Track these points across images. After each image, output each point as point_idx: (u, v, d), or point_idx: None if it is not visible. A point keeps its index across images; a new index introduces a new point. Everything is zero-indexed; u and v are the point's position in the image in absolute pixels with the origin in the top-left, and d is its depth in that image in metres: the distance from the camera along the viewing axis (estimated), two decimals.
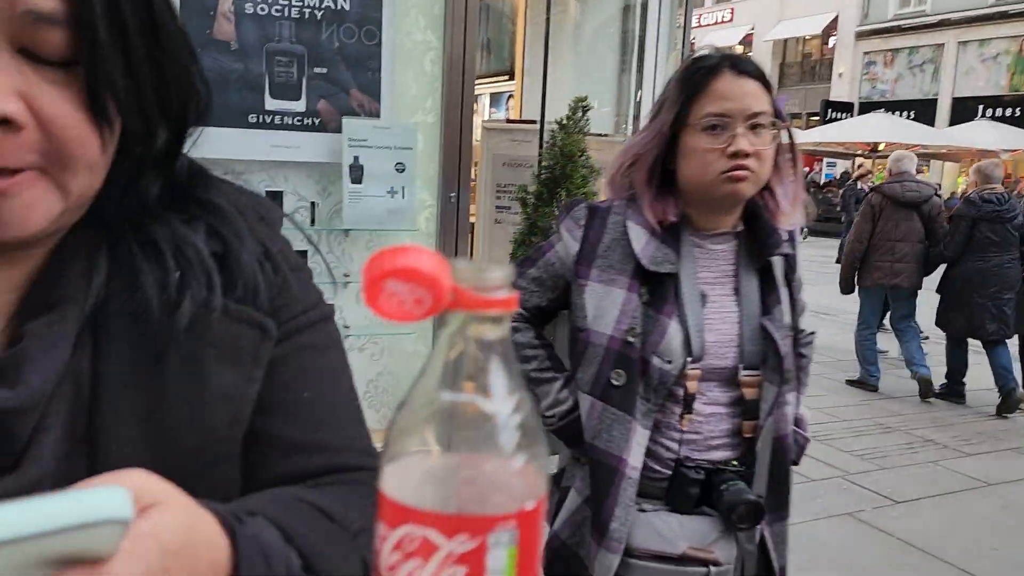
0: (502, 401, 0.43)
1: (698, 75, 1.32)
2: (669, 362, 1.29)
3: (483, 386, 0.43)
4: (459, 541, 0.41)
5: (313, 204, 2.58)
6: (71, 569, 0.30)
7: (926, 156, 15.14)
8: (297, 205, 2.53)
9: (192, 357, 0.58)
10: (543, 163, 3.21)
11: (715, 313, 1.36)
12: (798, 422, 1.44)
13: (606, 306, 1.32)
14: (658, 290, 1.31)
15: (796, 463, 1.44)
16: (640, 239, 1.32)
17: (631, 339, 1.29)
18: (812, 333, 1.46)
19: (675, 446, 1.34)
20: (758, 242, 1.38)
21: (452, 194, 2.69)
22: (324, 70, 2.48)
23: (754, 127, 1.30)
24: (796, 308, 1.43)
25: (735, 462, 1.36)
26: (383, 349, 2.76)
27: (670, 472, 1.34)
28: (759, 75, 1.32)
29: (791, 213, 1.39)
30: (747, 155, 1.28)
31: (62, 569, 0.30)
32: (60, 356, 0.54)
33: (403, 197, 2.60)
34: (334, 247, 2.62)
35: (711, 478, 1.32)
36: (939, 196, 6.10)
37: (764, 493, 1.35)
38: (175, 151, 0.61)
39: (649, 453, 1.33)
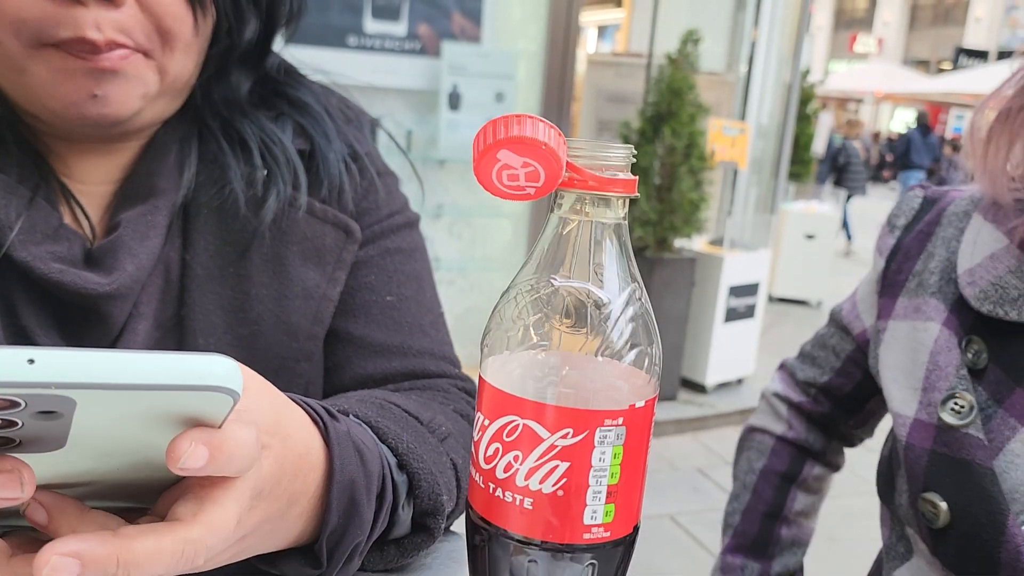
0: (616, 291, 0.40)
1: None
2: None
3: (596, 273, 0.40)
4: (563, 435, 0.38)
5: (409, 132, 2.58)
6: (189, 428, 0.29)
7: None
8: (393, 132, 2.53)
9: (276, 254, 0.59)
10: (648, 99, 3.08)
11: None
12: None
13: (910, 357, 0.67)
14: (1006, 359, 0.61)
15: None
16: (978, 249, 0.64)
17: (955, 419, 0.61)
18: None
19: None
20: None
21: None
22: None
23: None
24: None
25: None
26: (472, 284, 2.76)
27: None
28: None
29: None
30: None
31: (173, 427, 0.29)
32: (153, 245, 0.55)
33: None
34: (428, 177, 2.63)
35: None
36: None
37: None
38: (265, 47, 0.61)
39: None
